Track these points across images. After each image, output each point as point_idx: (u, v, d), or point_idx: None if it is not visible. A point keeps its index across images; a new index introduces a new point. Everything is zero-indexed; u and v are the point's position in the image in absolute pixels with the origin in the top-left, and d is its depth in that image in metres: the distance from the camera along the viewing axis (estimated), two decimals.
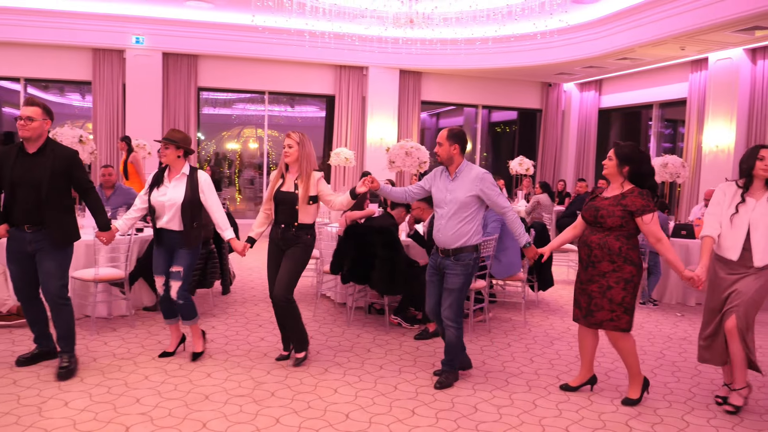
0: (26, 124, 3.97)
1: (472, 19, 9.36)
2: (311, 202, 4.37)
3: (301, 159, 4.36)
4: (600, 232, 3.89)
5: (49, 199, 4.01)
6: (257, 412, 3.68)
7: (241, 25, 11.46)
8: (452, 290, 4.15)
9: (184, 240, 4.38)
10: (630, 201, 3.81)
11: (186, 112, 12.32)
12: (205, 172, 4.48)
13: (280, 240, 4.41)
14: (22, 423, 3.41)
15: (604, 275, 3.87)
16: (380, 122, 13.28)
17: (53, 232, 4.07)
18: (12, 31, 11.13)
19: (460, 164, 4.17)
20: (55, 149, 4.11)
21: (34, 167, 4.01)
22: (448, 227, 4.12)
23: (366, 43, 11.23)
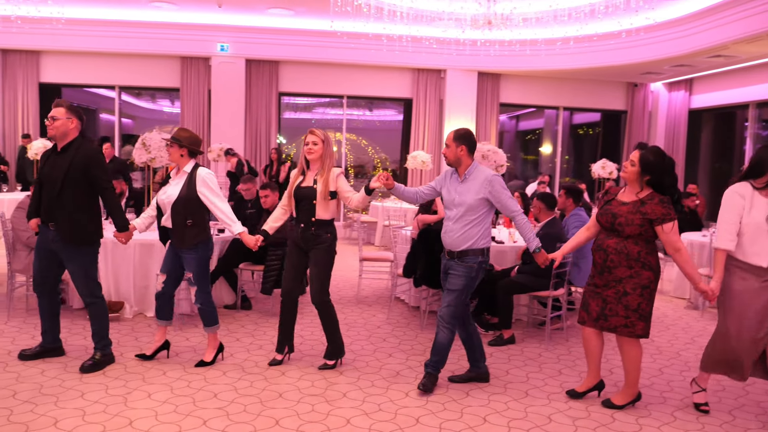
0: (51, 123, 4.18)
1: (552, 18, 9.15)
2: (330, 197, 4.32)
3: (324, 156, 4.34)
4: (617, 237, 3.77)
5: (62, 196, 4.10)
6: (329, 412, 3.72)
7: (320, 31, 11.67)
8: (452, 291, 4.07)
9: (176, 238, 4.35)
10: (650, 209, 3.68)
11: (267, 116, 12.68)
12: (208, 169, 4.44)
13: (300, 240, 4.38)
14: (110, 412, 3.59)
15: (621, 281, 3.74)
16: (458, 125, 13.12)
17: (63, 230, 4.15)
18: (107, 42, 11.84)
19: (469, 166, 4.10)
20: (79, 147, 4.20)
21: (57, 165, 4.17)
22: (455, 229, 4.05)
23: (443, 45, 11.18)
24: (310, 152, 4.35)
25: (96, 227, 4.30)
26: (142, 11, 11.36)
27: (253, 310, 6.09)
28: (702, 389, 4.01)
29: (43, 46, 11.93)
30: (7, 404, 3.64)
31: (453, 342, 4.14)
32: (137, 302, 5.68)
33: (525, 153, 19.74)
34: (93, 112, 17.96)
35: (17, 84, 12.17)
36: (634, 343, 3.82)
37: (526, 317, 5.94)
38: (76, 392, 3.86)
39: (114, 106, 13.09)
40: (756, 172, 3.73)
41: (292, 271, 4.48)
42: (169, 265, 4.45)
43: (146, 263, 5.62)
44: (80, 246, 4.23)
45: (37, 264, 4.36)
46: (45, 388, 3.91)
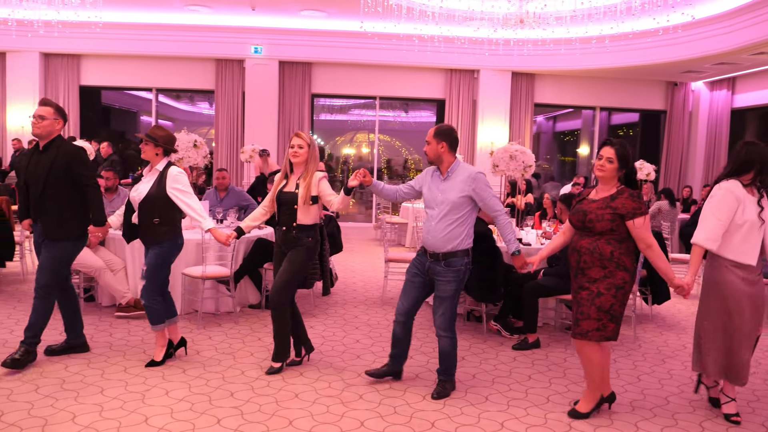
0: (38, 122, 4.19)
1: (587, 16, 8.96)
2: (312, 202, 4.24)
3: (309, 160, 4.27)
4: (589, 237, 3.63)
5: (47, 193, 4.16)
6: (343, 413, 3.69)
7: (352, 32, 11.70)
8: (444, 298, 3.95)
9: (143, 235, 4.33)
10: (620, 203, 3.56)
11: (300, 117, 12.76)
12: (179, 168, 4.40)
13: (282, 243, 4.30)
14: (127, 408, 3.63)
15: (595, 281, 3.61)
16: (491, 126, 13.05)
17: (47, 225, 4.20)
18: (144, 45, 12.10)
19: (451, 163, 3.98)
20: (60, 146, 4.25)
21: (40, 163, 4.21)
22: (438, 229, 3.91)
23: (476, 45, 11.07)
24: (295, 155, 4.26)
25: (80, 224, 4.31)
26: (178, 15, 11.57)
27: None
28: (731, 399, 3.85)
29: (84, 49, 12.27)
30: (29, 398, 3.72)
31: (457, 346, 4.06)
32: None
33: (562, 154, 19.43)
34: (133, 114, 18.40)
35: (59, 86, 12.54)
36: (596, 347, 3.66)
37: (553, 321, 5.81)
38: (96, 388, 3.92)
39: (151, 108, 13.34)
40: (743, 170, 3.70)
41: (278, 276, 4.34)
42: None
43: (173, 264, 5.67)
44: (58, 240, 4.24)
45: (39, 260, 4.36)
46: (66, 384, 3.98)
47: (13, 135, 12.23)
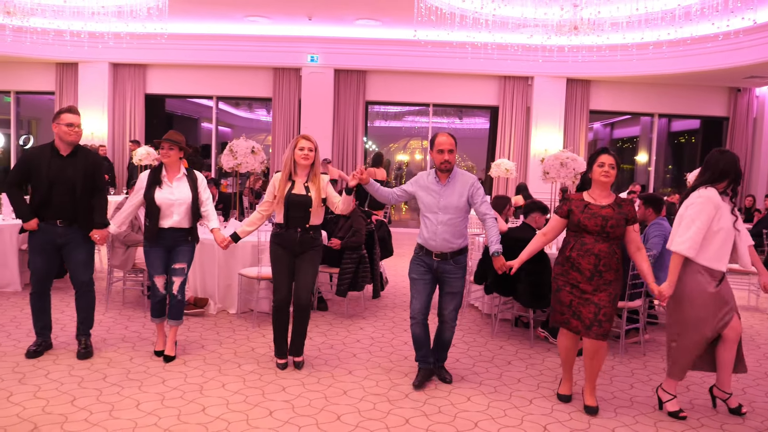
0: (73, 130, 4.40)
1: (644, 22, 8.86)
2: (322, 204, 4.46)
3: (317, 164, 4.47)
4: (606, 242, 3.83)
5: (82, 198, 4.45)
6: (389, 411, 3.82)
7: (405, 40, 11.87)
8: (456, 293, 4.29)
9: (192, 235, 4.62)
10: (627, 210, 3.86)
11: (354, 124, 13.00)
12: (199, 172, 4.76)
13: (296, 244, 4.39)
14: (186, 398, 3.86)
15: (610, 283, 3.83)
16: (545, 133, 12.98)
17: (82, 227, 4.50)
18: (206, 55, 12.60)
19: (454, 170, 4.26)
20: (86, 153, 4.55)
21: (67, 168, 4.41)
22: (446, 231, 4.17)
23: (530, 52, 11.06)
24: (306, 158, 4.38)
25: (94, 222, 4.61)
26: (239, 25, 12.00)
27: (328, 311, 6.29)
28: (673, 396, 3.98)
29: (149, 59, 12.86)
30: (97, 386, 4.00)
31: None
32: (221, 299, 6.02)
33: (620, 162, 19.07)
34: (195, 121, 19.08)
35: (126, 95, 13.18)
36: (606, 343, 3.90)
37: None
38: (158, 378, 4.17)
39: (212, 115, 13.84)
40: (720, 178, 3.77)
41: (286, 277, 4.44)
42: (164, 266, 4.57)
43: (230, 263, 5.94)
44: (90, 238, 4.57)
45: (43, 262, 4.50)
46: (131, 374, 4.25)
47: (83, 141, 12.88)
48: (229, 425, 3.52)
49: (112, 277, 6.05)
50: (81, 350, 4.54)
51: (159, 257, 4.55)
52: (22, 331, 5.12)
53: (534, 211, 5.72)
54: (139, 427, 3.44)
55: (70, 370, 4.26)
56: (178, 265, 4.56)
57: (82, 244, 4.54)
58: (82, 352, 4.52)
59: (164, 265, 4.56)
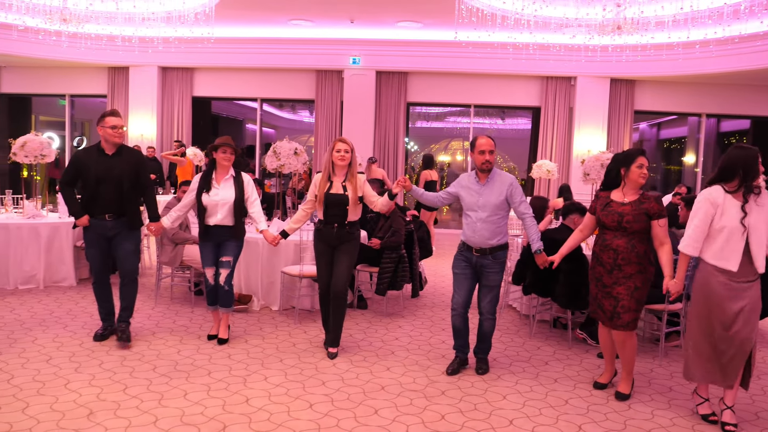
0: (118, 132, 4.78)
1: (690, 20, 8.70)
2: (358, 202, 4.71)
3: (354, 163, 4.72)
4: (625, 237, 4.03)
5: (128, 193, 4.80)
6: (426, 407, 3.91)
7: (447, 42, 11.91)
8: (493, 287, 4.51)
9: (235, 233, 4.92)
10: (649, 206, 4.01)
11: (396, 125, 13.10)
12: (247, 174, 5.06)
13: (334, 238, 4.71)
14: (230, 389, 4.03)
15: (631, 277, 4.01)
16: (588, 134, 12.83)
17: (130, 220, 4.85)
18: (251, 58, 12.91)
19: (493, 170, 4.49)
20: (130, 152, 4.94)
21: (113, 167, 4.76)
22: (486, 228, 4.39)
23: (572, 52, 10.97)
24: (342, 159, 4.68)
25: (141, 215, 5.05)
26: (282, 29, 12.24)
27: (368, 309, 6.40)
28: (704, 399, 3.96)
29: (197, 63, 13.24)
30: (147, 376, 4.21)
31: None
32: (264, 296, 6.20)
33: (667, 163, 18.66)
34: (239, 122, 19.50)
35: (174, 97, 13.58)
36: (634, 335, 4.10)
37: (641, 332, 5.73)
38: (204, 371, 4.36)
39: (256, 117, 14.14)
40: (727, 176, 3.71)
41: (327, 268, 4.79)
42: (213, 259, 4.97)
43: (273, 261, 6.11)
44: (137, 230, 4.96)
45: (98, 254, 4.89)
46: (179, 365, 4.44)
47: (133, 142, 13.35)
48: (271, 416, 3.66)
49: (160, 274, 6.30)
50: (121, 335, 4.86)
51: (209, 251, 4.96)
52: (77, 323, 5.39)
53: (573, 213, 5.72)
54: (186, 416, 3.61)
55: (122, 361, 4.48)
56: (225, 258, 4.93)
57: (128, 236, 4.90)
58: (123, 336, 4.84)
59: (213, 259, 4.95)
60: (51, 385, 3.98)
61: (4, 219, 6.80)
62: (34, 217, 6.92)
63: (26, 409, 3.61)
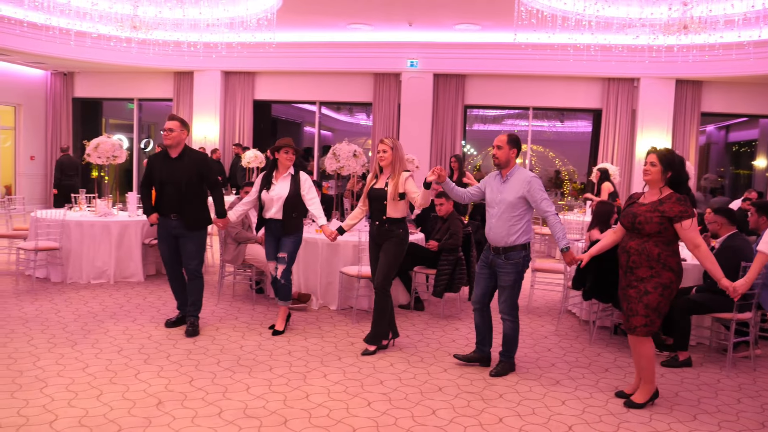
0: (168, 134, 5.02)
1: (763, 18, 8.38)
2: (399, 198, 4.75)
3: (394, 161, 4.80)
4: (638, 238, 3.90)
5: (187, 195, 5.02)
6: (483, 409, 3.90)
7: (505, 44, 11.83)
8: (505, 287, 4.45)
9: (285, 227, 5.10)
10: (668, 207, 3.81)
11: (453, 128, 13.09)
12: (306, 174, 5.23)
13: (375, 235, 4.87)
14: (291, 385, 4.13)
15: (642, 280, 3.88)
16: (651, 136, 12.49)
17: (188, 220, 5.06)
18: (310, 62, 13.13)
19: (512, 167, 4.44)
20: (191, 155, 5.15)
21: (176, 169, 5.04)
22: (498, 225, 4.40)
23: (636, 53, 10.71)
24: (381, 159, 4.84)
25: (208, 216, 5.25)
26: (341, 33, 12.41)
27: (425, 311, 6.42)
28: None
29: (258, 67, 13.57)
30: (212, 369, 4.36)
31: (518, 330, 4.56)
32: (322, 296, 6.30)
33: (736, 167, 17.96)
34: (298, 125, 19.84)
35: (236, 101, 13.95)
36: (647, 341, 3.94)
37: (708, 341, 5.55)
38: (265, 366, 4.48)
39: (314, 120, 14.37)
40: None
41: (374, 264, 4.93)
42: (273, 253, 5.21)
43: (332, 261, 6.22)
44: (199, 230, 5.17)
45: (166, 249, 5.24)
46: (242, 360, 4.58)
47: (197, 144, 13.79)
48: (330, 412, 3.73)
49: (224, 272, 6.49)
50: (188, 329, 5.14)
51: (270, 246, 5.25)
52: (145, 317, 5.62)
53: None
54: (249, 408, 3.73)
55: (188, 354, 4.65)
56: (281, 254, 5.19)
57: (191, 237, 5.15)
58: (189, 331, 5.12)
59: (273, 253, 5.23)
60: (122, 375, 4.17)
61: (78, 217, 7.15)
62: (106, 215, 7.25)
63: (100, 396, 3.80)
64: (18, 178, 14.54)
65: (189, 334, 5.08)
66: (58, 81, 14.98)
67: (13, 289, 6.59)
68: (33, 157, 14.85)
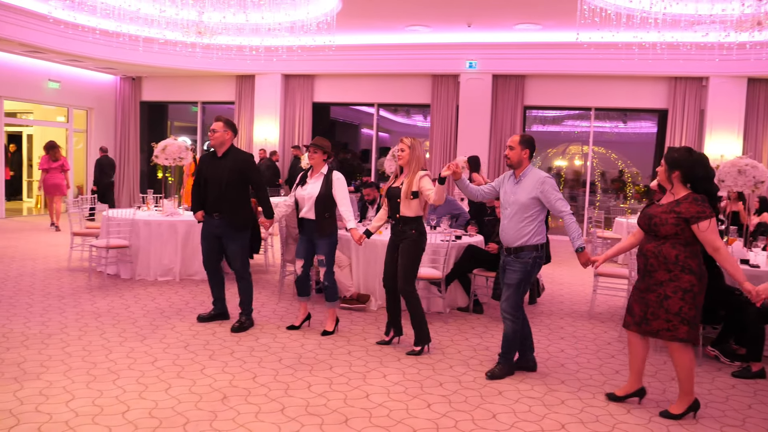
0: (212, 135, 5.18)
1: None
2: (412, 197, 4.74)
3: (411, 161, 4.81)
4: (655, 241, 3.79)
5: (226, 193, 5.11)
6: (545, 414, 3.84)
7: (566, 43, 11.60)
8: (510, 285, 4.39)
9: (318, 228, 5.08)
10: (684, 208, 3.68)
11: (512, 129, 12.93)
12: (339, 173, 5.19)
13: (393, 234, 4.93)
14: (351, 384, 4.18)
15: (661, 284, 3.74)
16: (721, 138, 12.02)
17: (229, 219, 5.15)
18: (368, 64, 13.24)
19: (525, 168, 4.40)
20: (236, 154, 5.21)
21: (219, 168, 5.14)
22: (510, 226, 4.36)
23: (705, 51, 10.30)
24: (399, 158, 4.89)
25: (249, 215, 5.30)
26: (399, 35, 12.45)
27: (484, 314, 6.37)
28: None
29: (317, 70, 13.76)
30: (274, 366, 4.45)
31: (520, 332, 4.45)
32: (381, 297, 6.33)
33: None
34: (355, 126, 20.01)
35: (296, 103, 14.19)
36: (683, 348, 3.76)
37: None
38: (326, 365, 4.53)
39: (373, 122, 14.46)
40: None
41: (389, 263, 4.96)
42: (303, 252, 5.25)
43: None
44: (240, 230, 5.24)
45: (206, 247, 5.37)
46: (303, 358, 4.66)
47: (258, 146, 14.10)
48: (390, 412, 3.75)
49: (285, 271, 6.61)
50: (235, 324, 5.31)
51: (302, 244, 5.27)
52: None
53: None
54: (310, 406, 3.79)
55: (251, 351, 4.76)
56: (318, 257, 5.20)
57: (234, 237, 5.25)
58: (236, 326, 5.27)
59: (304, 252, 5.24)
60: (189, 370, 4.31)
61: (146, 216, 7.42)
62: (172, 214, 7.50)
63: (168, 390, 3.94)
64: (89, 178, 15.21)
65: (234, 330, 5.25)
66: (127, 85, 15.60)
67: (86, 285, 6.89)
68: None
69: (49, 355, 4.51)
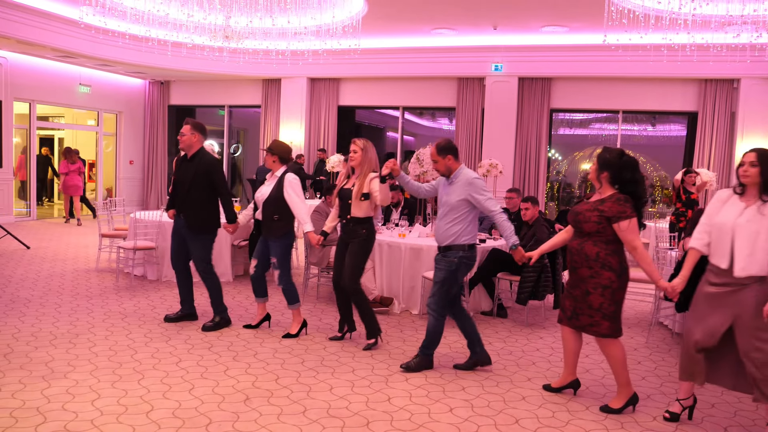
0: (180, 137, 5.27)
1: None
2: (363, 198, 4.84)
3: (363, 162, 4.89)
4: (579, 238, 3.90)
5: (190, 194, 5.17)
6: (568, 420, 3.79)
7: (593, 45, 11.48)
8: (435, 282, 4.45)
9: (265, 229, 5.10)
10: (607, 207, 3.78)
11: (537, 132, 12.83)
12: (294, 175, 5.12)
13: (343, 233, 5.02)
14: (373, 387, 4.17)
15: (584, 280, 3.85)
16: (753, 140, 11.76)
17: (190, 220, 5.20)
18: (393, 67, 13.27)
19: (457, 170, 4.45)
20: (202, 157, 5.24)
21: (186, 170, 5.23)
22: (440, 226, 4.45)
23: (736, 52, 10.08)
24: (351, 159, 4.94)
25: (213, 220, 5.32)
26: (425, 38, 12.43)
27: (508, 318, 6.32)
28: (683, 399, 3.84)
29: (342, 74, 13.81)
30: (296, 368, 4.46)
31: (444, 327, 4.53)
32: (404, 300, 6.32)
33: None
34: (380, 130, 20.03)
35: (321, 107, 14.26)
36: (611, 343, 3.87)
37: None
38: (348, 368, 4.53)
39: (398, 125, 14.46)
40: None
41: (339, 262, 5.02)
42: (259, 252, 5.23)
43: (414, 266, 6.22)
44: (198, 233, 5.27)
45: (173, 245, 5.44)
46: (325, 361, 4.66)
47: None
48: (412, 416, 3.73)
49: (308, 273, 6.63)
50: (206, 323, 5.36)
51: (259, 246, 5.26)
52: (233, 315, 5.80)
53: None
54: (332, 408, 3.79)
55: (273, 353, 4.79)
56: (272, 259, 5.17)
57: (193, 239, 5.30)
58: (208, 325, 5.32)
59: (259, 252, 5.23)
60: (213, 371, 4.34)
61: None
62: None
63: (192, 390, 3.97)
64: (118, 181, 15.47)
65: (205, 329, 5.28)
66: (156, 89, 15.83)
67: (113, 285, 7.00)
68: (132, 162, 15.76)
69: (76, 354, 4.59)
